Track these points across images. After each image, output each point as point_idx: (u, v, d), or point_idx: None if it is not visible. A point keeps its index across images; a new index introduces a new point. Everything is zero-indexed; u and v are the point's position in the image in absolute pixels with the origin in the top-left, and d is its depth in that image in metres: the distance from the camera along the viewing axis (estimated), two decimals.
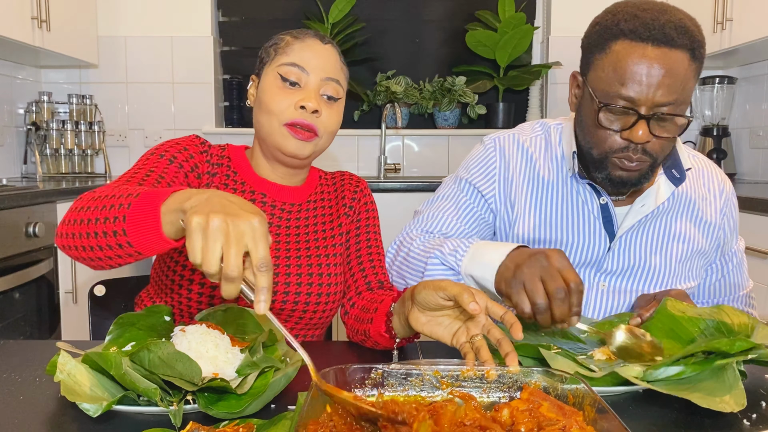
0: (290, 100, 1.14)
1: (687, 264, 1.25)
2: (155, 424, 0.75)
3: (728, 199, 1.29)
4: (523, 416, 0.67)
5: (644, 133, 1.06)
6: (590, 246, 1.21)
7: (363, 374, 0.77)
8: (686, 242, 1.24)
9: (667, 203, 1.23)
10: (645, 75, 1.03)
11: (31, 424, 0.77)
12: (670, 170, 1.21)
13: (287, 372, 0.83)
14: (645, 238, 1.22)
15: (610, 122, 1.09)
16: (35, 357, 1.00)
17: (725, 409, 0.75)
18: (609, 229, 1.21)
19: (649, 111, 1.05)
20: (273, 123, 1.15)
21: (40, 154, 3.10)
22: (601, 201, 1.21)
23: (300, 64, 1.16)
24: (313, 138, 1.16)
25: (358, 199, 1.31)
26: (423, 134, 3.43)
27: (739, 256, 1.33)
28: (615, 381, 0.85)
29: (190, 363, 0.77)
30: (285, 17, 3.40)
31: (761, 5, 2.48)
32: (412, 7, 3.45)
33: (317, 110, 1.14)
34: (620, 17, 1.07)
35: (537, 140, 1.28)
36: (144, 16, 3.30)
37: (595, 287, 1.23)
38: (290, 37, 1.20)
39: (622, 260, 1.22)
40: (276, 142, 1.17)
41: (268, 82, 1.17)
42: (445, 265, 1.15)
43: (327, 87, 1.17)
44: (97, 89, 3.32)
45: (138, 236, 0.82)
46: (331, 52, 1.20)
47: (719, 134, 3.12)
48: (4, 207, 1.97)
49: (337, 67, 1.20)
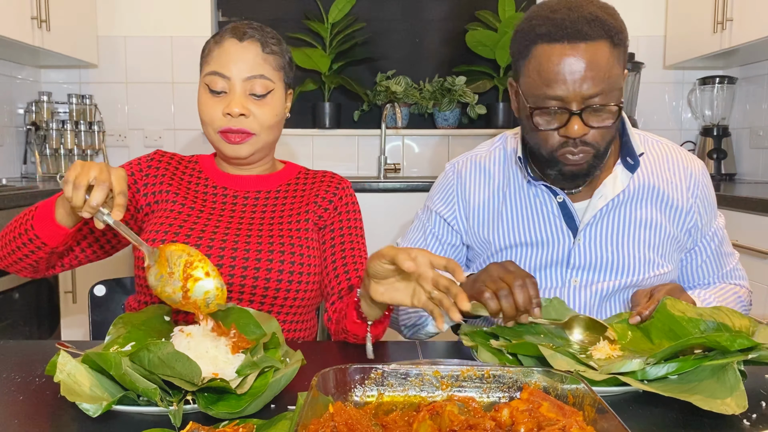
0: (218, 109, 1.22)
1: (658, 250, 1.25)
2: (155, 424, 0.75)
3: (698, 181, 1.28)
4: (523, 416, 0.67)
5: (579, 128, 1.09)
6: (554, 244, 1.24)
7: (363, 374, 0.77)
8: (653, 229, 1.24)
9: (628, 192, 1.24)
10: (568, 73, 1.07)
11: (31, 424, 0.77)
12: (626, 158, 1.23)
13: (287, 372, 0.83)
14: (608, 229, 1.24)
15: (547, 123, 1.12)
16: (35, 357, 1.00)
17: (726, 411, 0.75)
18: (571, 225, 1.24)
19: (579, 106, 1.09)
20: (209, 131, 1.24)
21: (40, 154, 3.10)
22: (558, 199, 1.24)
23: (219, 71, 1.21)
24: (247, 138, 1.22)
25: (340, 197, 1.33)
26: (423, 134, 3.43)
27: (720, 234, 1.32)
28: (615, 381, 0.85)
29: (189, 363, 0.77)
30: (285, 17, 3.40)
31: (761, 5, 2.48)
32: (412, 7, 3.45)
33: (243, 113, 1.20)
34: (535, 22, 1.11)
35: (495, 153, 1.34)
36: (144, 16, 3.30)
37: (567, 284, 1.25)
38: (213, 42, 1.25)
39: (589, 254, 1.23)
40: (217, 148, 1.27)
41: (199, 93, 1.25)
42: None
43: (252, 85, 1.21)
44: (96, 89, 3.32)
45: (40, 228, 1.09)
46: (249, 47, 1.22)
47: (719, 134, 3.12)
48: (4, 207, 1.97)
49: (259, 61, 1.22)
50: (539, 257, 1.25)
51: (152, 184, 1.29)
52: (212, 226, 1.23)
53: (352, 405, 0.75)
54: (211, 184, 1.31)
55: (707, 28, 2.78)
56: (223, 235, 1.21)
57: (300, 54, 3.21)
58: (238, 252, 1.19)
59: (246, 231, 1.23)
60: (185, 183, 1.31)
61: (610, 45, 1.08)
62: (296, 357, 0.90)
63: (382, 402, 0.77)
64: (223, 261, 1.18)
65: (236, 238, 1.21)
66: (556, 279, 1.25)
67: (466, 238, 1.34)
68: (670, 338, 0.99)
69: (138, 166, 1.32)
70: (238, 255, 1.19)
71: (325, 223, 1.30)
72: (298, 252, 1.22)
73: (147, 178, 1.30)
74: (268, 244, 1.21)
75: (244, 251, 1.19)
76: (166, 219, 1.23)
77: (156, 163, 1.32)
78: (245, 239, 1.21)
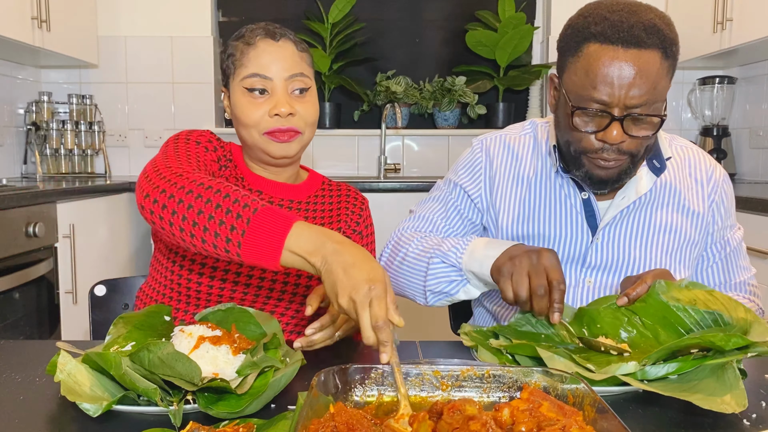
0: (263, 110, 1.18)
1: (676, 255, 1.23)
2: (155, 424, 0.75)
3: (718, 186, 1.26)
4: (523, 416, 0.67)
5: (618, 134, 1.07)
6: (573, 240, 1.22)
7: (363, 374, 0.77)
8: (673, 233, 1.22)
9: (650, 194, 1.22)
10: (616, 77, 1.04)
11: (31, 424, 0.77)
12: (652, 161, 1.21)
13: (287, 372, 0.83)
14: (627, 231, 1.22)
15: (585, 124, 1.10)
16: (35, 357, 1.00)
17: (726, 410, 0.75)
18: (592, 224, 1.22)
19: (622, 112, 1.06)
20: (253, 134, 1.20)
21: (40, 154, 3.10)
22: (583, 195, 1.22)
23: (260, 72, 1.18)
24: (295, 137, 1.20)
25: (364, 219, 1.35)
26: (423, 134, 3.43)
27: (734, 244, 1.30)
28: (615, 381, 0.85)
29: (189, 363, 0.77)
30: (285, 17, 3.40)
31: (761, 5, 2.48)
32: (412, 7, 3.45)
33: (291, 113, 1.18)
34: (590, 20, 1.08)
35: (525, 138, 1.31)
36: (144, 16, 3.30)
37: (581, 284, 1.23)
38: (242, 44, 1.20)
39: (606, 254, 1.22)
40: (262, 150, 1.21)
41: (236, 98, 1.21)
42: (446, 263, 1.16)
43: (294, 83, 1.19)
44: (97, 89, 3.32)
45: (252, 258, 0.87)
46: (285, 46, 1.20)
47: (719, 134, 3.12)
48: (4, 207, 1.97)
49: (297, 60, 1.21)
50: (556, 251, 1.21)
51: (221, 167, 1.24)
52: None
53: (352, 405, 0.75)
54: (247, 186, 1.26)
55: (707, 28, 2.78)
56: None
57: None
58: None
59: None
60: (225, 177, 1.25)
61: (662, 56, 1.05)
62: (296, 357, 0.90)
63: (382, 402, 0.77)
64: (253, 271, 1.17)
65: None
66: (571, 277, 1.23)
67: (485, 218, 1.31)
68: (664, 326, 0.99)
69: (218, 143, 1.26)
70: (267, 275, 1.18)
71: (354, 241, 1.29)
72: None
73: (220, 161, 1.24)
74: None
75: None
76: None
77: (222, 152, 1.25)
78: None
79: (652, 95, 1.05)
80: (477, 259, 1.11)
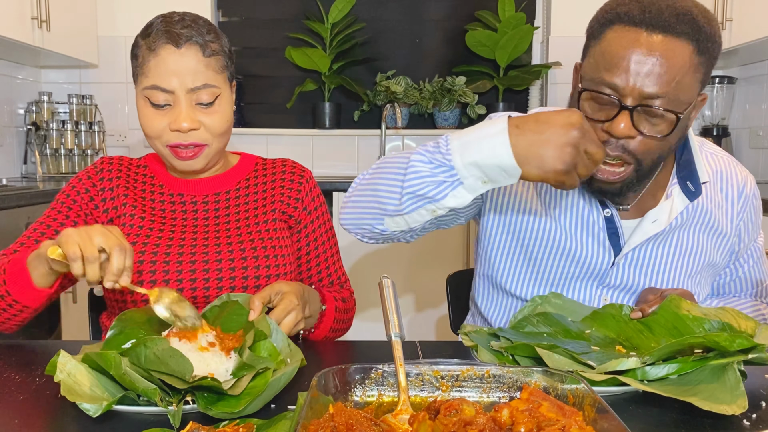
0: (164, 122, 1.12)
1: (696, 278, 1.17)
2: (155, 424, 0.75)
3: (748, 200, 1.18)
4: (522, 416, 0.67)
5: (626, 127, 0.96)
6: (593, 258, 1.14)
7: (363, 374, 0.77)
8: (697, 256, 1.15)
9: (680, 218, 1.12)
10: (633, 61, 0.93)
11: (31, 424, 0.77)
12: (685, 182, 1.11)
13: (287, 371, 0.83)
14: (654, 256, 1.14)
15: (593, 111, 0.99)
16: (35, 357, 1.00)
17: (727, 411, 0.75)
18: (614, 242, 1.13)
19: (634, 102, 0.95)
20: (157, 145, 1.16)
21: (40, 154, 3.10)
22: (605, 213, 1.13)
23: (161, 85, 1.10)
24: (200, 151, 1.14)
25: (307, 192, 1.27)
26: (423, 134, 3.43)
27: (758, 254, 1.22)
28: (615, 381, 0.85)
29: (182, 359, 0.78)
30: (285, 17, 3.40)
31: (761, 5, 2.48)
32: (412, 7, 3.45)
33: (193, 128, 1.11)
34: (621, 1, 0.98)
35: None
36: (144, 16, 3.26)
37: (597, 300, 1.17)
38: (145, 48, 1.13)
39: (628, 276, 1.15)
40: (167, 162, 1.19)
41: (139, 105, 1.15)
42: (434, 163, 0.94)
43: (198, 96, 1.12)
44: (97, 89, 3.32)
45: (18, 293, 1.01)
46: (188, 54, 1.11)
47: (719, 134, 3.12)
48: (4, 207, 1.97)
49: (201, 69, 1.11)
50: (575, 268, 1.16)
51: (110, 198, 1.20)
52: (178, 240, 1.17)
53: (352, 405, 0.75)
54: (167, 191, 1.23)
55: None
56: (190, 247, 1.16)
57: (300, 54, 3.21)
58: (210, 264, 1.15)
59: (214, 238, 1.18)
60: (140, 192, 1.22)
61: (693, 49, 0.94)
62: (296, 356, 0.90)
63: (382, 402, 0.77)
64: (195, 275, 1.14)
65: (205, 249, 1.16)
66: (586, 293, 1.17)
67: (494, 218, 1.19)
68: (673, 335, 0.98)
69: (90, 180, 1.21)
70: (211, 267, 1.14)
71: (296, 222, 1.26)
72: (272, 254, 1.18)
73: (104, 192, 1.20)
74: (239, 250, 1.17)
75: (215, 261, 1.15)
76: (128, 236, 1.16)
77: (107, 174, 1.22)
78: (215, 249, 1.16)
79: (672, 90, 0.94)
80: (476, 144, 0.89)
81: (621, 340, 1.01)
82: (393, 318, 0.85)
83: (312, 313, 1.12)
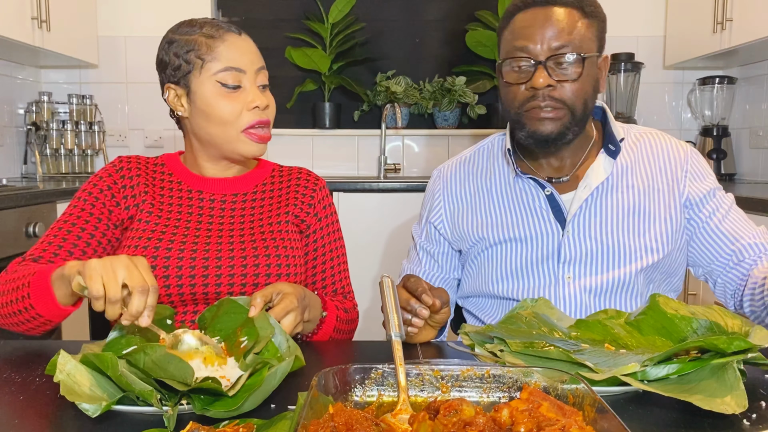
0: (239, 105, 1.16)
1: (649, 236, 1.22)
2: (155, 424, 0.75)
3: (686, 157, 1.26)
4: (522, 416, 0.67)
5: (545, 79, 1.15)
6: (544, 238, 1.24)
7: (363, 374, 0.77)
8: (641, 214, 1.22)
9: (612, 179, 1.24)
10: (537, 27, 1.16)
11: (31, 424, 0.77)
12: (607, 146, 1.25)
13: (281, 366, 0.82)
14: (595, 218, 1.22)
15: (514, 77, 1.18)
16: (35, 357, 1.00)
17: (727, 410, 0.75)
18: (560, 218, 1.24)
19: (545, 56, 1.15)
20: (230, 132, 1.17)
21: (40, 154, 3.10)
22: (546, 192, 1.25)
23: (235, 66, 1.16)
24: (269, 135, 1.21)
25: (319, 200, 1.30)
26: (423, 134, 3.43)
27: (727, 205, 1.27)
28: (615, 381, 0.85)
29: (182, 364, 0.78)
30: (285, 17, 3.40)
31: (761, 5, 2.48)
32: (412, 7, 3.45)
33: (267, 104, 1.19)
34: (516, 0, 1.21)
35: (480, 152, 1.37)
36: (144, 16, 3.30)
37: (561, 281, 1.22)
38: (204, 38, 1.17)
39: (578, 246, 1.22)
40: (236, 149, 1.19)
41: (208, 93, 1.16)
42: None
43: (261, 77, 1.20)
44: (97, 89, 3.32)
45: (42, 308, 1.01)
46: (248, 40, 1.21)
47: (719, 134, 3.12)
48: (4, 207, 1.97)
49: (259, 52, 1.22)
50: (530, 252, 1.24)
51: (131, 196, 1.21)
52: (192, 236, 1.19)
53: (352, 405, 0.75)
54: (186, 188, 1.25)
55: (707, 29, 2.78)
56: (204, 245, 1.18)
57: (300, 54, 3.21)
58: (222, 261, 1.16)
59: (228, 237, 1.20)
60: (158, 189, 1.24)
61: (581, 13, 1.17)
62: (292, 351, 0.90)
63: (382, 402, 0.77)
64: (208, 271, 1.15)
65: (218, 246, 1.18)
66: (549, 275, 1.23)
67: (454, 242, 1.35)
68: (662, 335, 0.99)
69: (111, 178, 1.22)
70: (223, 264, 1.16)
71: (306, 227, 1.28)
72: (283, 254, 1.20)
73: (125, 190, 1.21)
74: (251, 249, 1.18)
75: (228, 259, 1.16)
76: (143, 233, 1.17)
77: (127, 172, 1.23)
78: (228, 247, 1.18)
79: (572, 39, 1.15)
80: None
81: (608, 341, 1.01)
82: (393, 318, 0.85)
83: (312, 318, 1.12)
